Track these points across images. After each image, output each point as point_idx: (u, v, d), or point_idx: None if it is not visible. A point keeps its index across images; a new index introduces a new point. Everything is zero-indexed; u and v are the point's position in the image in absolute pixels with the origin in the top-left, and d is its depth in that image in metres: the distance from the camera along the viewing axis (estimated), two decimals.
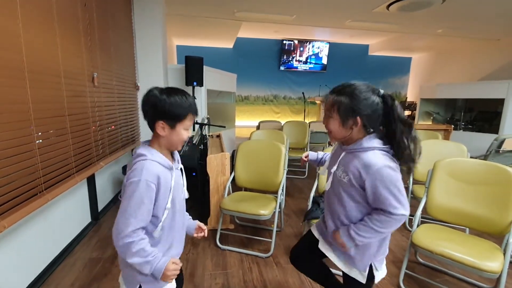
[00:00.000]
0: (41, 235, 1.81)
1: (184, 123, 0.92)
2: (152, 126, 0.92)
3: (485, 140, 4.20)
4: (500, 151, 3.24)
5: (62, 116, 1.90)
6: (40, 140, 1.67)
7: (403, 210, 0.92)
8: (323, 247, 1.18)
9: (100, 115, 2.49)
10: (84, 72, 2.24)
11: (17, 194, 1.46)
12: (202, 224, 1.16)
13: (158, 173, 0.88)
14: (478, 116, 6.12)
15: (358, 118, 0.92)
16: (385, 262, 1.12)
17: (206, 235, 1.15)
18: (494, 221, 1.55)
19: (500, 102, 5.17)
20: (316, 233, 1.24)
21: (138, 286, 0.94)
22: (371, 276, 1.07)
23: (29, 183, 1.55)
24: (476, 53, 6.92)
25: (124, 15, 3.23)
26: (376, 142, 0.94)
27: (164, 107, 0.88)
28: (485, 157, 3.30)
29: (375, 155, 0.92)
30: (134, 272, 0.92)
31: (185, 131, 0.94)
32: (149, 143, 0.96)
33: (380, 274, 1.09)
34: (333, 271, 1.35)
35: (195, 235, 1.14)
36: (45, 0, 1.72)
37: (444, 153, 2.40)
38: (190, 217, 1.17)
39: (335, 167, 1.03)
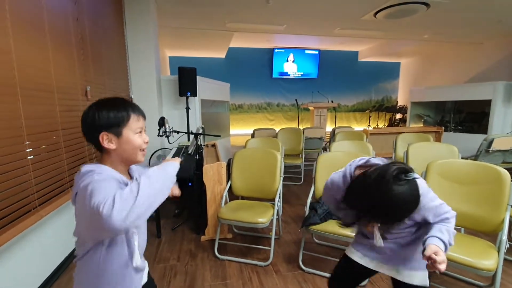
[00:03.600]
0: (34, 253, 1.77)
1: (130, 126, 0.80)
2: (98, 145, 0.80)
3: (474, 140, 4.29)
4: (490, 151, 3.32)
5: (55, 130, 1.88)
6: (33, 156, 1.65)
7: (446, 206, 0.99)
8: (378, 266, 1.12)
9: None
10: (77, 86, 2.24)
11: (10, 211, 1.43)
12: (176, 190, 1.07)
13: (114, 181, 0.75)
14: (467, 117, 6.27)
15: None
16: None
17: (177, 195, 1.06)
18: (487, 220, 1.58)
19: (487, 103, 5.32)
20: (359, 258, 1.15)
21: None
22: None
23: (22, 199, 1.53)
24: (462, 56, 7.13)
25: (116, 29, 3.26)
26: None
27: (99, 117, 0.77)
28: (475, 157, 3.37)
29: None
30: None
31: (136, 136, 0.82)
32: (99, 161, 0.83)
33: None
34: None
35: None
36: (37, 16, 1.74)
37: (436, 155, 2.45)
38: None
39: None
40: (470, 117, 6.18)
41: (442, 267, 0.81)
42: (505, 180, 1.54)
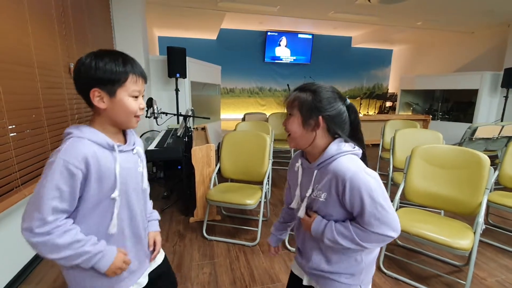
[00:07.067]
0: (20, 232, 1.74)
1: (126, 87, 0.72)
2: (88, 100, 0.72)
3: (460, 129, 4.40)
4: (473, 139, 3.42)
5: (37, 108, 1.82)
6: (15, 133, 1.60)
7: (389, 230, 0.74)
8: (296, 270, 1.01)
9: (78, 107, 2.40)
10: (59, 63, 2.14)
11: None
12: (158, 240, 0.94)
13: (87, 154, 0.68)
14: (454, 106, 6.40)
15: (321, 118, 0.79)
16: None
17: (154, 256, 0.93)
18: (465, 203, 1.64)
19: (474, 93, 5.42)
20: (295, 269, 1.03)
21: None
22: None
23: (4, 178, 1.49)
24: (452, 45, 7.17)
25: (100, 3, 3.10)
26: (347, 146, 0.79)
27: (95, 70, 0.69)
28: (459, 144, 3.46)
29: (347, 159, 0.77)
30: (82, 275, 0.76)
31: (132, 99, 0.74)
32: (89, 123, 0.77)
33: None
34: None
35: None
36: None
37: (421, 141, 2.50)
38: (156, 218, 0.98)
39: (310, 190, 0.84)
40: (457, 106, 6.31)
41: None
42: (485, 165, 1.60)
